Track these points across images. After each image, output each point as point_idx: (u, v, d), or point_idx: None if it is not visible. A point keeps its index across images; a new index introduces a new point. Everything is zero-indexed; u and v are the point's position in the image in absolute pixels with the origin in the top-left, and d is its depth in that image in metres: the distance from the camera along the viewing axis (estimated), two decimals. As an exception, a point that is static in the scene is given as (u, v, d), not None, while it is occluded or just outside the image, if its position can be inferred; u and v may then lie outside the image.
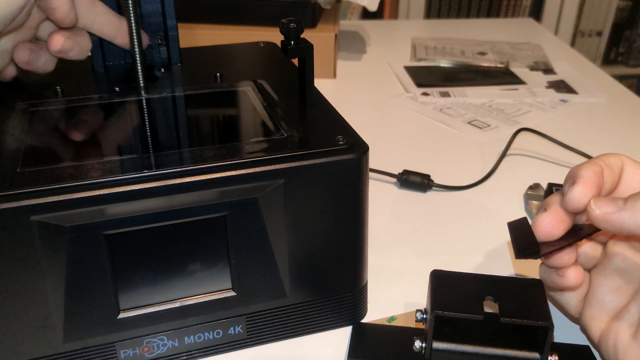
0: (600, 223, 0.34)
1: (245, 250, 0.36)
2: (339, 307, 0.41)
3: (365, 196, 0.38)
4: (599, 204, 0.34)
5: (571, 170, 0.37)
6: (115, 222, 0.33)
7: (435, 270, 0.38)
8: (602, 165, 0.36)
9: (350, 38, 1.06)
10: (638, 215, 0.32)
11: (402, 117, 0.75)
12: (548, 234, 0.36)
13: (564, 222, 0.36)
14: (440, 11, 2.10)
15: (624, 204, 0.33)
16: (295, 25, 0.40)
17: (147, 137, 0.39)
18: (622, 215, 0.33)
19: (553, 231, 0.36)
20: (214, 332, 0.38)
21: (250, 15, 0.87)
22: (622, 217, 0.33)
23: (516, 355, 0.35)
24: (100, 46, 0.49)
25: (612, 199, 0.34)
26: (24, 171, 0.33)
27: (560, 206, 0.36)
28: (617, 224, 0.33)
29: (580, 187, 0.35)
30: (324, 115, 0.41)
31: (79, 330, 0.35)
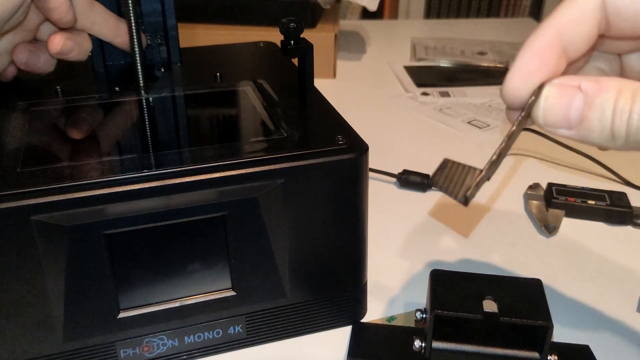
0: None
1: (245, 250, 0.36)
2: (339, 306, 0.41)
3: (365, 196, 0.38)
4: (549, 118, 0.30)
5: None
6: (115, 222, 0.33)
7: (435, 270, 0.38)
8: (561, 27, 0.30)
9: (350, 38, 1.06)
10: (594, 131, 0.29)
11: (402, 117, 0.76)
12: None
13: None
14: (440, 11, 2.10)
15: (580, 120, 0.29)
16: (295, 25, 0.40)
17: (147, 137, 0.39)
18: (579, 134, 0.29)
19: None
20: (214, 332, 0.38)
21: (250, 15, 0.87)
22: (580, 135, 0.29)
23: (516, 354, 0.35)
24: (100, 46, 0.49)
25: (566, 107, 0.29)
26: (24, 171, 0.33)
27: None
28: (578, 139, 0.30)
29: (515, 74, 0.30)
30: (323, 115, 0.41)
31: (79, 330, 0.35)
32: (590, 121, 0.28)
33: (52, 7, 0.41)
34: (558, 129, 0.30)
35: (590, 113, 0.28)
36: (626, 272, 0.48)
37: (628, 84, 0.28)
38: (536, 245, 0.51)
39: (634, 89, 0.28)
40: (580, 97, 0.29)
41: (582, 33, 0.30)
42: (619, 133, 0.28)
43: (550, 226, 0.52)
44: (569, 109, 0.29)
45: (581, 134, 0.29)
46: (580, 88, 0.29)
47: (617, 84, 0.28)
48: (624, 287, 0.46)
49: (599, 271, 0.48)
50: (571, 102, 0.29)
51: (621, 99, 0.28)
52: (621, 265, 0.48)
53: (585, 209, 0.54)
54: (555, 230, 0.52)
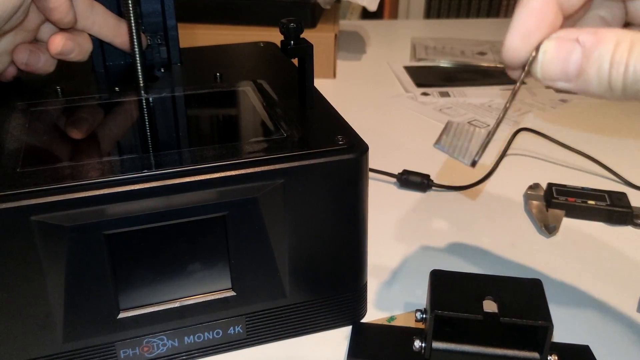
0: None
1: (245, 250, 0.36)
2: (339, 307, 0.41)
3: (365, 196, 0.38)
4: (547, 72, 0.30)
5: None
6: (115, 222, 0.33)
7: (435, 270, 0.38)
8: None
9: (350, 38, 1.06)
10: (592, 83, 0.28)
11: (402, 117, 0.76)
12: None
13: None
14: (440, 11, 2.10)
15: (579, 73, 0.29)
16: (295, 25, 0.40)
17: (147, 137, 0.39)
18: (577, 87, 0.29)
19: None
20: (214, 332, 0.38)
21: (250, 15, 0.87)
22: (579, 87, 0.29)
23: (516, 355, 0.35)
24: (100, 46, 0.49)
25: (564, 60, 0.29)
26: (24, 171, 0.33)
27: None
28: (579, 91, 0.30)
29: (514, 35, 0.30)
30: (323, 115, 0.41)
31: (79, 330, 0.35)
32: (588, 74, 0.29)
33: (52, 8, 0.41)
34: (557, 82, 0.30)
35: (588, 66, 0.28)
36: (626, 273, 0.48)
37: (626, 34, 0.28)
38: (536, 245, 0.51)
39: (632, 40, 0.27)
40: (578, 50, 0.29)
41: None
42: (616, 85, 0.28)
43: (550, 226, 0.52)
44: (567, 63, 0.29)
45: (580, 86, 0.29)
46: (578, 41, 0.29)
47: (615, 35, 0.28)
48: (624, 287, 0.46)
49: (599, 271, 0.48)
50: (569, 56, 0.29)
51: (618, 51, 0.28)
52: (621, 266, 0.48)
53: (585, 209, 0.54)
54: (555, 230, 0.52)
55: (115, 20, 0.47)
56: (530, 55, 0.30)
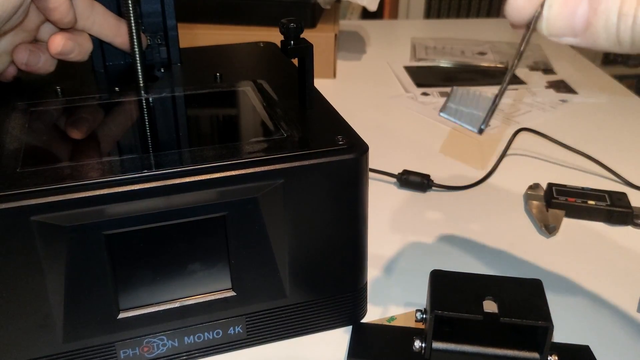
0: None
1: (245, 250, 0.36)
2: (339, 307, 0.41)
3: (365, 196, 0.38)
4: (553, 27, 0.29)
5: None
6: (115, 222, 0.33)
7: (435, 270, 0.38)
8: None
9: (350, 38, 1.06)
10: (600, 36, 0.28)
11: (402, 117, 0.76)
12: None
13: None
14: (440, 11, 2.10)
15: (586, 26, 0.28)
16: (295, 25, 0.40)
17: (147, 137, 0.39)
18: (584, 41, 0.29)
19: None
20: (214, 332, 0.38)
21: (250, 15, 0.87)
22: (586, 42, 0.29)
23: (516, 355, 0.35)
24: (100, 46, 0.49)
25: (570, 14, 0.28)
26: (24, 171, 0.33)
27: None
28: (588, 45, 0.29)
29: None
30: (323, 115, 0.41)
31: (79, 330, 0.35)
32: (595, 27, 0.28)
33: (52, 8, 0.41)
34: (563, 37, 0.29)
35: (595, 19, 0.28)
36: (626, 272, 0.48)
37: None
38: (536, 245, 0.51)
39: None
40: (584, 3, 0.28)
41: None
42: (624, 38, 0.27)
43: (550, 226, 0.52)
44: (573, 17, 0.28)
45: (587, 40, 0.29)
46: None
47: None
48: (624, 287, 0.46)
49: (599, 271, 0.48)
50: (575, 9, 0.28)
51: (626, 3, 0.27)
52: (621, 265, 0.48)
53: (585, 209, 0.54)
54: (555, 230, 0.52)
55: (115, 20, 0.47)
56: (536, 12, 0.29)
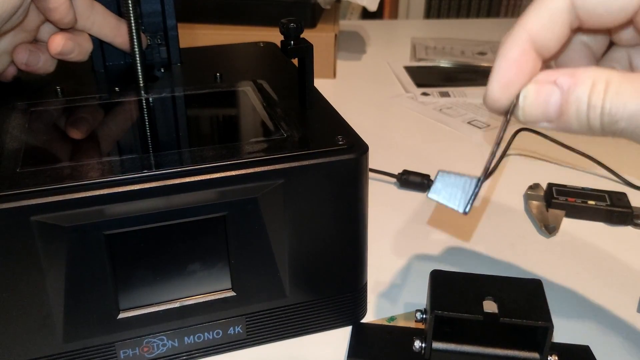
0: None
1: (245, 250, 0.36)
2: (339, 307, 0.41)
3: (365, 196, 0.38)
4: (528, 115, 0.30)
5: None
6: (115, 222, 0.33)
7: (435, 270, 0.38)
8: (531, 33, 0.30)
9: (350, 38, 1.06)
10: (573, 122, 0.29)
11: (402, 117, 0.76)
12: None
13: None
14: (440, 11, 2.10)
15: (559, 114, 0.29)
16: (295, 25, 0.40)
17: (147, 137, 0.39)
18: (559, 126, 0.30)
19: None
20: (214, 332, 0.38)
21: (250, 15, 0.87)
22: (561, 127, 0.30)
23: (516, 355, 0.35)
24: (100, 46, 0.49)
25: (544, 103, 0.29)
26: (24, 171, 0.33)
27: None
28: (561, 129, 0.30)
29: (494, 85, 0.31)
30: (323, 115, 0.41)
31: (79, 330, 0.35)
32: (568, 115, 0.29)
33: (52, 8, 0.41)
34: (539, 123, 0.31)
35: (567, 107, 0.29)
36: (626, 272, 0.48)
37: (601, 74, 0.28)
38: (536, 245, 0.51)
39: (607, 80, 0.28)
40: (557, 93, 0.29)
41: (554, 36, 0.31)
42: (594, 125, 0.29)
43: (550, 226, 0.52)
44: (547, 105, 0.30)
45: (561, 126, 0.30)
46: (556, 83, 0.29)
47: (591, 76, 0.28)
48: (624, 287, 0.46)
49: (599, 271, 0.48)
50: (549, 99, 0.29)
51: (594, 93, 0.28)
52: (621, 266, 0.48)
53: (585, 209, 0.54)
54: (555, 230, 0.52)
55: (115, 20, 0.47)
56: (512, 103, 0.31)
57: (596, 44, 0.35)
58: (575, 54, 0.35)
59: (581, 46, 0.35)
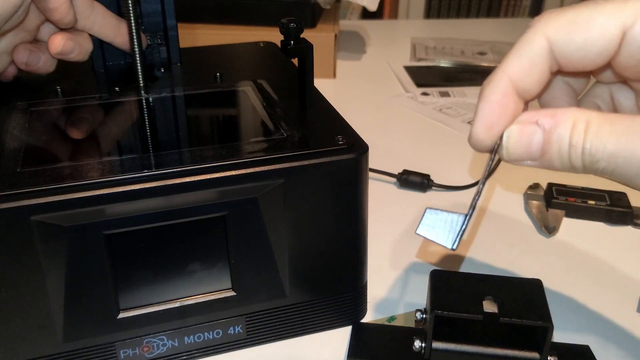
0: None
1: (245, 250, 0.36)
2: (339, 307, 0.41)
3: (365, 196, 0.38)
4: (512, 154, 0.31)
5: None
6: (115, 222, 0.33)
7: (435, 270, 0.38)
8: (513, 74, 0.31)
9: (350, 38, 1.06)
10: (554, 161, 0.30)
11: (402, 117, 0.76)
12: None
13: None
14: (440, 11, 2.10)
15: (542, 153, 0.30)
16: (295, 25, 0.40)
17: (147, 137, 0.39)
18: (542, 164, 0.31)
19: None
20: (214, 332, 0.38)
21: (250, 15, 0.87)
22: (544, 165, 0.31)
23: (516, 355, 0.35)
24: (100, 46, 0.49)
25: (527, 143, 0.30)
26: (24, 171, 0.33)
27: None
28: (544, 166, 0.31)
29: (478, 127, 0.32)
30: (323, 115, 0.41)
31: (79, 330, 0.35)
32: (550, 154, 0.30)
33: (52, 8, 0.41)
34: (523, 162, 0.32)
35: (550, 147, 0.30)
36: (626, 272, 0.48)
37: (581, 115, 0.29)
38: (536, 245, 0.51)
39: (587, 120, 0.29)
40: (539, 133, 0.30)
41: (534, 80, 0.32)
42: (576, 164, 0.30)
43: (550, 226, 0.52)
44: (530, 145, 0.31)
45: (544, 164, 0.31)
46: (538, 124, 0.30)
47: (571, 116, 0.29)
48: (624, 287, 0.46)
49: (599, 271, 0.48)
50: (531, 138, 0.31)
51: (575, 133, 0.29)
52: (621, 265, 0.48)
53: (585, 209, 0.54)
54: (555, 230, 0.52)
55: (115, 20, 0.47)
56: (496, 143, 0.32)
57: (577, 82, 0.36)
58: (557, 92, 0.36)
59: (563, 84, 0.36)
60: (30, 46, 0.45)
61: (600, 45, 0.30)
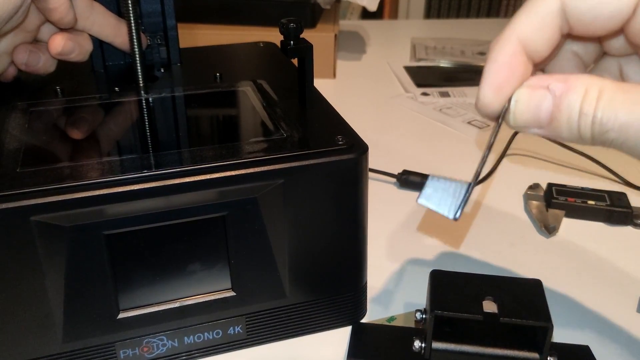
0: None
1: (245, 250, 0.36)
2: (339, 307, 0.41)
3: (365, 196, 0.38)
4: (519, 120, 0.30)
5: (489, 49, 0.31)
6: (115, 222, 0.33)
7: (435, 270, 0.38)
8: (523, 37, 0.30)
9: (350, 38, 1.06)
10: (563, 130, 0.29)
11: (402, 117, 0.76)
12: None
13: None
14: (440, 11, 2.10)
15: (550, 120, 0.29)
16: (294, 25, 0.40)
17: (147, 137, 0.39)
18: (549, 133, 0.30)
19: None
20: (214, 332, 0.38)
21: (250, 15, 0.87)
22: (551, 134, 0.30)
23: (516, 355, 0.35)
24: (100, 46, 0.49)
25: (535, 108, 0.29)
26: (24, 171, 0.33)
27: None
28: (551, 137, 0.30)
29: (486, 89, 0.30)
30: (323, 115, 0.41)
31: (79, 330, 0.35)
32: (559, 121, 0.29)
33: (52, 8, 0.41)
34: (529, 128, 0.30)
35: (559, 114, 0.29)
36: (626, 272, 0.48)
37: (594, 82, 0.28)
38: (536, 245, 0.51)
39: (600, 88, 0.28)
40: (549, 98, 0.29)
41: (544, 40, 0.30)
42: (585, 134, 0.28)
43: (550, 226, 0.52)
44: (538, 111, 0.29)
45: (551, 132, 0.30)
46: (549, 88, 0.29)
47: (584, 83, 0.28)
48: (624, 287, 0.46)
49: (599, 271, 0.48)
50: (540, 104, 0.29)
51: (587, 100, 0.28)
52: (621, 266, 0.48)
53: (585, 209, 0.54)
54: (555, 230, 0.52)
55: (115, 20, 0.47)
56: (504, 107, 0.30)
57: (587, 53, 0.35)
58: (566, 62, 0.35)
59: (572, 55, 0.35)
60: (30, 47, 0.45)
61: (613, 6, 0.28)
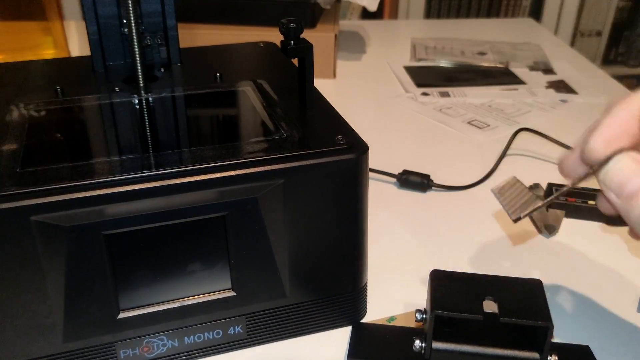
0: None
1: (245, 250, 0.36)
2: (339, 307, 0.41)
3: (365, 196, 0.38)
4: (609, 179, 0.32)
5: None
6: (115, 222, 0.33)
7: (435, 270, 0.38)
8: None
9: (350, 38, 1.06)
10: None
11: (402, 117, 0.76)
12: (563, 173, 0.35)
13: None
14: (440, 11, 2.10)
15: (631, 197, 0.31)
16: (295, 25, 0.40)
17: (147, 137, 0.39)
18: (622, 207, 0.31)
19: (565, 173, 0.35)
20: (214, 332, 0.38)
21: (250, 15, 0.87)
22: (620, 207, 0.31)
23: (516, 355, 0.35)
24: (100, 46, 0.49)
25: (627, 179, 0.31)
26: (24, 171, 0.33)
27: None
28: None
29: (598, 138, 0.32)
30: (323, 115, 0.41)
31: (79, 330, 0.35)
32: (636, 204, 0.31)
33: None
34: (610, 191, 0.32)
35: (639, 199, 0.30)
36: (626, 273, 0.48)
37: None
38: (536, 245, 0.51)
39: None
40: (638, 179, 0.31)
41: None
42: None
43: (550, 226, 0.52)
44: (628, 181, 0.31)
45: (624, 207, 0.32)
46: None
47: None
48: (623, 287, 0.46)
49: (599, 271, 0.48)
50: (633, 177, 0.31)
51: None
52: (621, 266, 0.48)
53: (585, 209, 0.54)
54: (555, 230, 0.52)
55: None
56: (606, 158, 0.32)
57: None
58: None
59: None
60: None
61: None
